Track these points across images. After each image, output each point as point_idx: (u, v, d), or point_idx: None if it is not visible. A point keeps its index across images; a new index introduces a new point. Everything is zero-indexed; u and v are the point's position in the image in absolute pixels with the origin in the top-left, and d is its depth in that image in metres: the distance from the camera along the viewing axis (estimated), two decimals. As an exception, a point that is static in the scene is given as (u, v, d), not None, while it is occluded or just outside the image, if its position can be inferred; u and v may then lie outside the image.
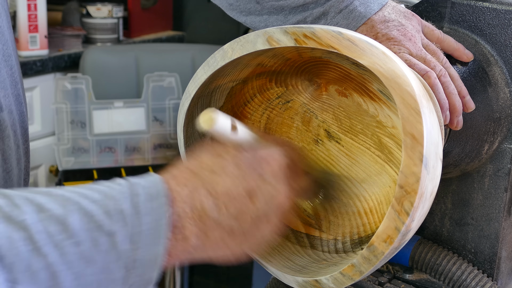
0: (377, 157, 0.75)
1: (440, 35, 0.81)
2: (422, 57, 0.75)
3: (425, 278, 0.87)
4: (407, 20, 0.78)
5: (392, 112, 0.72)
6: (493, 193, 0.84)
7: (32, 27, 2.11)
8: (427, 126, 0.56)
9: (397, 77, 0.57)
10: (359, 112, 0.75)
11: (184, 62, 2.30)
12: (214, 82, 0.70)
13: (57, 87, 2.06)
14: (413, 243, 0.88)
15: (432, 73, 0.73)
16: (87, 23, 2.39)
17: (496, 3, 0.82)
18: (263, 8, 0.84)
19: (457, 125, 0.76)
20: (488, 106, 0.82)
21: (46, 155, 2.18)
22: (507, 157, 0.83)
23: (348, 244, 0.74)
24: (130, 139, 2.14)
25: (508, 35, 0.82)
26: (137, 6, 2.49)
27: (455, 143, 0.79)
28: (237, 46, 0.64)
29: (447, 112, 0.74)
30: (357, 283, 0.85)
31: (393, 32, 0.76)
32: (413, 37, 0.76)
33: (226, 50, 0.65)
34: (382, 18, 0.77)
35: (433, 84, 0.72)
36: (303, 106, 0.78)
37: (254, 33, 0.63)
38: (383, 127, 0.74)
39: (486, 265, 0.86)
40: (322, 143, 0.78)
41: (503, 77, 0.83)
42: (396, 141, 0.73)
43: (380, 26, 0.77)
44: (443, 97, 0.73)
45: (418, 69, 0.73)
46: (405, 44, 0.76)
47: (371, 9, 0.78)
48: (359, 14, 0.78)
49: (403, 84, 0.57)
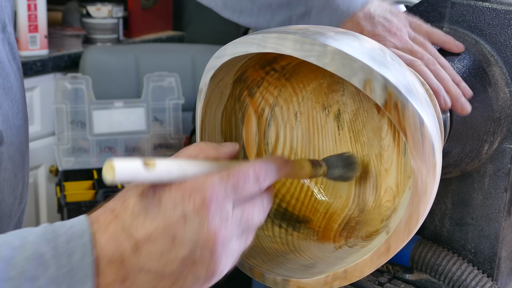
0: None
1: (428, 29, 0.80)
2: (409, 49, 0.75)
3: (425, 278, 0.87)
4: (393, 16, 0.78)
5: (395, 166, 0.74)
6: (493, 193, 0.84)
7: (32, 27, 2.11)
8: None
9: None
10: (374, 132, 0.76)
11: (184, 62, 2.30)
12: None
13: (57, 87, 2.06)
14: (413, 243, 0.88)
15: (417, 61, 0.72)
16: (87, 23, 2.39)
17: (496, 3, 0.82)
18: (253, 6, 0.85)
19: (463, 109, 0.74)
20: (488, 106, 0.82)
21: (46, 155, 2.18)
22: (507, 157, 0.83)
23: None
24: (130, 139, 2.14)
25: (508, 35, 0.82)
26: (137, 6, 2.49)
27: (455, 143, 0.79)
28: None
29: (445, 95, 0.72)
30: (357, 283, 0.85)
31: (378, 28, 0.76)
32: (398, 31, 0.76)
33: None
34: (367, 14, 0.77)
35: (421, 71, 0.71)
36: (341, 79, 0.78)
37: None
38: (379, 162, 0.75)
39: (486, 265, 0.86)
40: (326, 114, 0.78)
41: (503, 77, 0.83)
42: (376, 178, 0.75)
43: (365, 23, 0.77)
44: (434, 81, 0.72)
45: (404, 60, 0.72)
46: (390, 39, 0.75)
47: (354, 7, 0.77)
48: (341, 13, 0.78)
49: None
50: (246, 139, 0.75)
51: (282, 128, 0.78)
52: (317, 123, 0.78)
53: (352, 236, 0.73)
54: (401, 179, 0.74)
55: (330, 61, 0.55)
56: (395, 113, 0.55)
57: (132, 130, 2.14)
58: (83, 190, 1.95)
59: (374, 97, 0.55)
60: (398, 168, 0.74)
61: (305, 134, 0.78)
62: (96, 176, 2.04)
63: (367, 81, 0.54)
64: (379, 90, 0.54)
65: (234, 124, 0.74)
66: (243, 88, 0.73)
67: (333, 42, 0.56)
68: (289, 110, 0.78)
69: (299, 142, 0.78)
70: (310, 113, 0.78)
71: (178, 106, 2.16)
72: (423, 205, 0.58)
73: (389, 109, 0.55)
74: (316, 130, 0.78)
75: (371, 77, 0.54)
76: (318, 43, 0.56)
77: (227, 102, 0.71)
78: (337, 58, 0.55)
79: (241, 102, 0.74)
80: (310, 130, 0.78)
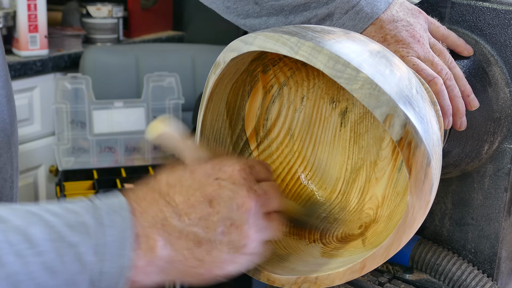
0: (344, 169, 0.78)
1: (444, 31, 0.80)
2: (430, 60, 0.75)
3: (425, 278, 0.87)
4: (415, 19, 0.77)
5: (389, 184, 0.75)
6: (493, 193, 0.84)
7: (32, 27, 2.11)
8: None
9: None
10: (375, 140, 0.76)
11: (184, 62, 2.30)
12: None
13: (57, 87, 2.06)
14: (413, 243, 0.88)
15: (439, 79, 0.72)
16: (87, 23, 2.39)
17: (496, 3, 0.82)
18: (262, 9, 0.82)
19: (461, 126, 0.76)
20: (488, 106, 0.82)
21: (46, 155, 2.18)
22: (507, 157, 0.83)
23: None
24: (130, 139, 2.14)
25: (508, 35, 0.82)
26: (137, 6, 2.49)
27: (455, 143, 0.79)
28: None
29: (450, 119, 0.74)
30: (357, 283, 0.85)
31: (402, 34, 0.75)
32: (421, 38, 0.76)
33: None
34: (391, 18, 0.76)
35: (439, 91, 0.72)
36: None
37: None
38: (372, 170, 0.76)
39: (486, 265, 0.86)
40: (332, 108, 0.78)
41: (503, 77, 0.83)
42: (365, 183, 0.76)
43: (389, 27, 0.76)
44: (447, 103, 0.73)
45: (426, 75, 0.72)
46: (414, 46, 0.75)
47: (378, 8, 0.76)
48: (365, 15, 0.76)
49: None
50: (248, 111, 0.76)
51: (285, 107, 0.78)
52: (321, 113, 0.79)
53: (327, 232, 0.74)
54: (389, 192, 0.75)
55: (359, 88, 0.55)
56: (406, 151, 0.56)
57: (132, 130, 2.14)
58: (83, 190, 1.95)
59: (391, 132, 0.56)
60: (389, 181, 0.75)
61: (307, 119, 0.79)
62: (96, 176, 2.04)
63: (389, 116, 0.55)
64: (397, 127, 0.55)
65: (240, 95, 0.74)
66: (259, 65, 0.73)
67: (366, 68, 0.56)
68: (297, 92, 0.78)
69: (299, 125, 0.79)
70: (316, 101, 0.78)
71: (178, 106, 2.16)
72: (407, 236, 0.60)
73: (402, 146, 0.56)
74: (319, 119, 0.79)
75: (394, 113, 0.55)
76: (351, 67, 0.56)
77: (240, 76, 0.72)
78: (367, 87, 0.55)
79: (252, 77, 0.74)
80: (312, 117, 0.79)
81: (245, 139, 0.76)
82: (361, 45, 0.60)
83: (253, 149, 0.77)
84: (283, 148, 0.79)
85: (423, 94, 0.62)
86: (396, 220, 0.70)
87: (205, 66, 2.32)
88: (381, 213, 0.74)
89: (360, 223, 0.74)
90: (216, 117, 0.72)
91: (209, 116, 0.70)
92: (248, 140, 0.76)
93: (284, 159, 0.79)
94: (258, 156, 0.77)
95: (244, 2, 0.83)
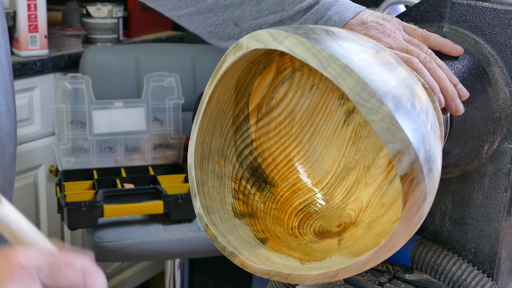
0: (337, 164, 0.79)
1: (423, 32, 0.81)
2: (404, 49, 0.75)
3: (425, 278, 0.87)
4: (386, 21, 0.79)
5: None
6: (493, 193, 0.84)
7: (32, 27, 2.11)
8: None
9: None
10: (375, 147, 0.77)
11: (184, 62, 2.30)
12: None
13: (57, 87, 2.06)
14: (413, 243, 0.88)
15: (414, 58, 0.72)
16: (87, 23, 2.39)
17: (496, 3, 0.82)
18: (241, 30, 0.85)
19: (457, 109, 0.75)
20: (488, 106, 0.82)
21: (46, 155, 2.18)
22: (507, 157, 0.83)
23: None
24: (130, 139, 2.14)
25: (508, 35, 0.82)
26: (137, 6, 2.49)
27: (455, 143, 0.79)
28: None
29: (440, 95, 0.73)
30: (357, 283, 0.85)
31: (371, 31, 0.77)
32: (392, 33, 0.77)
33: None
34: (360, 21, 0.78)
35: (417, 68, 0.72)
36: None
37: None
38: (364, 174, 0.78)
39: (486, 265, 0.86)
40: (339, 104, 0.79)
41: (503, 77, 0.83)
42: (353, 185, 0.77)
43: (358, 28, 0.78)
44: (430, 79, 0.72)
45: (400, 57, 0.72)
46: (385, 39, 0.76)
47: (346, 16, 0.79)
48: (333, 23, 0.79)
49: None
50: (256, 88, 0.76)
51: (293, 91, 0.78)
52: (327, 105, 0.79)
53: (306, 222, 0.74)
54: (375, 200, 0.75)
55: (378, 120, 0.56)
56: (407, 186, 0.57)
57: (132, 130, 2.14)
58: (83, 190, 1.95)
59: (398, 167, 0.56)
60: (378, 189, 0.76)
61: (311, 107, 0.79)
62: (96, 176, 2.04)
63: (400, 152, 0.56)
64: (405, 164, 0.56)
65: (252, 72, 0.74)
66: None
67: (390, 101, 0.56)
68: (308, 79, 0.78)
69: (302, 110, 0.79)
70: (325, 93, 0.79)
71: (178, 106, 2.16)
72: (385, 256, 0.61)
73: (404, 181, 0.57)
74: (323, 110, 0.79)
75: (406, 151, 0.56)
76: (376, 97, 0.56)
77: (257, 57, 0.72)
78: (386, 121, 0.56)
79: (269, 57, 0.74)
80: (318, 106, 0.79)
81: (247, 113, 0.77)
82: (389, 71, 0.60)
83: (252, 124, 0.77)
84: (281, 129, 0.80)
85: (436, 129, 0.62)
86: (377, 232, 0.71)
87: (205, 66, 2.32)
88: (363, 218, 0.75)
89: (340, 221, 0.76)
90: (224, 91, 0.72)
91: (218, 90, 0.70)
92: (249, 115, 0.77)
93: (279, 139, 0.80)
94: (255, 131, 0.78)
95: (224, 25, 0.86)
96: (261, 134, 0.78)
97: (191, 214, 1.87)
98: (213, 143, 0.73)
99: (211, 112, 0.71)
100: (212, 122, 0.72)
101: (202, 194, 0.70)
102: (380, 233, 0.71)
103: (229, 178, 0.74)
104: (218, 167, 0.73)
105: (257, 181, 0.77)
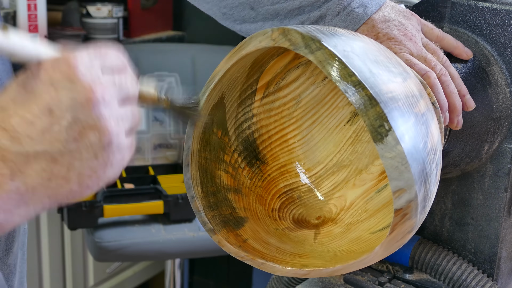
0: (330, 158, 0.80)
1: (439, 33, 0.81)
2: (423, 57, 0.75)
3: (425, 278, 0.87)
4: (407, 20, 0.78)
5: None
6: (493, 193, 0.84)
7: (32, 27, 2.11)
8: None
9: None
10: (372, 154, 0.78)
11: (184, 62, 2.30)
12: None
13: (57, 87, 2.06)
14: (413, 243, 0.88)
15: (432, 73, 0.73)
16: (87, 23, 2.39)
17: (496, 3, 0.82)
18: (257, 15, 0.83)
19: (457, 125, 0.76)
20: (488, 106, 0.82)
21: (46, 155, 2.18)
22: (507, 157, 0.83)
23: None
24: (130, 139, 2.14)
25: (508, 35, 0.82)
26: (137, 6, 2.49)
27: (455, 143, 0.79)
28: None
29: (447, 112, 0.74)
30: (357, 283, 0.85)
31: (393, 32, 0.76)
32: (413, 36, 0.77)
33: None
34: (382, 18, 0.77)
35: (433, 84, 0.72)
36: None
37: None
38: (354, 176, 0.78)
39: (486, 265, 0.86)
40: (348, 103, 0.79)
41: (503, 77, 0.83)
42: (341, 182, 0.78)
43: (381, 26, 0.77)
44: (442, 98, 0.73)
45: (418, 69, 0.73)
46: (406, 44, 0.76)
47: (369, 9, 0.77)
48: (356, 16, 0.77)
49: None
50: (270, 67, 0.77)
51: (305, 77, 0.79)
52: (336, 100, 0.80)
53: (287, 206, 0.75)
54: (358, 203, 0.76)
55: (390, 157, 0.56)
56: (399, 218, 0.58)
57: (132, 130, 2.14)
58: (83, 190, 1.95)
59: (395, 201, 0.57)
60: (364, 194, 0.77)
61: (319, 97, 0.80)
62: (96, 176, 2.04)
63: (401, 190, 0.57)
64: (403, 201, 0.57)
65: (269, 54, 0.74)
66: None
67: (406, 141, 0.56)
68: (322, 71, 0.78)
69: (309, 97, 0.80)
70: (336, 90, 0.79)
71: (178, 106, 2.16)
72: (356, 268, 0.63)
73: (397, 214, 0.58)
74: (330, 103, 0.80)
75: (408, 190, 0.57)
76: (394, 136, 0.56)
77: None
78: (397, 160, 0.56)
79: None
80: (326, 98, 0.80)
81: (255, 88, 0.77)
82: (411, 106, 0.60)
83: (257, 100, 0.78)
84: (284, 109, 0.80)
85: (439, 166, 0.63)
86: (353, 236, 0.73)
87: (205, 66, 2.32)
88: (343, 217, 0.76)
89: (320, 214, 0.77)
90: (239, 69, 0.72)
91: (233, 68, 0.69)
92: (257, 90, 0.77)
93: (280, 119, 0.80)
94: (258, 107, 0.78)
95: (240, 8, 0.84)
96: (263, 111, 0.79)
97: (191, 214, 1.87)
98: (216, 114, 0.73)
99: (221, 86, 0.71)
100: (220, 95, 0.72)
101: (195, 164, 0.71)
102: (357, 239, 0.72)
103: (223, 150, 0.75)
104: (216, 138, 0.74)
105: (248, 156, 0.78)
